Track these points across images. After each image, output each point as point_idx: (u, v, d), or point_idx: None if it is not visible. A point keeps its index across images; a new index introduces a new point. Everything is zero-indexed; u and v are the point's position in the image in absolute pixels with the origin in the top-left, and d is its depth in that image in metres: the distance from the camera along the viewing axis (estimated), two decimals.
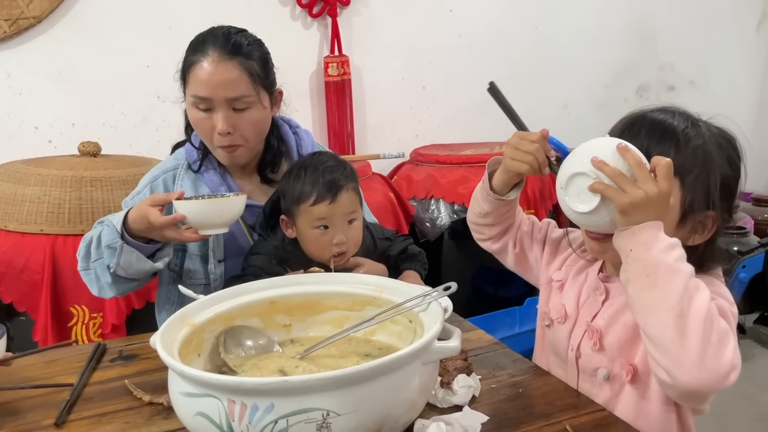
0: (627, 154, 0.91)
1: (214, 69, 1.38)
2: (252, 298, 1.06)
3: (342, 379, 0.75)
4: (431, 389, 0.90)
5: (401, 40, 3.08)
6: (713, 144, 0.99)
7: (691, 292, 0.86)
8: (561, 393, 1.01)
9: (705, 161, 0.98)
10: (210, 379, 0.76)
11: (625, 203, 0.89)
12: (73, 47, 2.52)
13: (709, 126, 1.03)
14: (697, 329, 0.84)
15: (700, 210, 0.99)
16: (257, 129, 1.46)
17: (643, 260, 0.88)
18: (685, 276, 0.87)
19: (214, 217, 1.32)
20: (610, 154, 0.92)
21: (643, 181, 0.89)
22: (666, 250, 0.88)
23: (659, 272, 0.87)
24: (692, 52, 3.78)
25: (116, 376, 1.11)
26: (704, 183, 0.98)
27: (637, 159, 0.90)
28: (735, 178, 1.01)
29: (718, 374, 0.85)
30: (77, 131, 2.54)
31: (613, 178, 0.90)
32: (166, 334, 0.89)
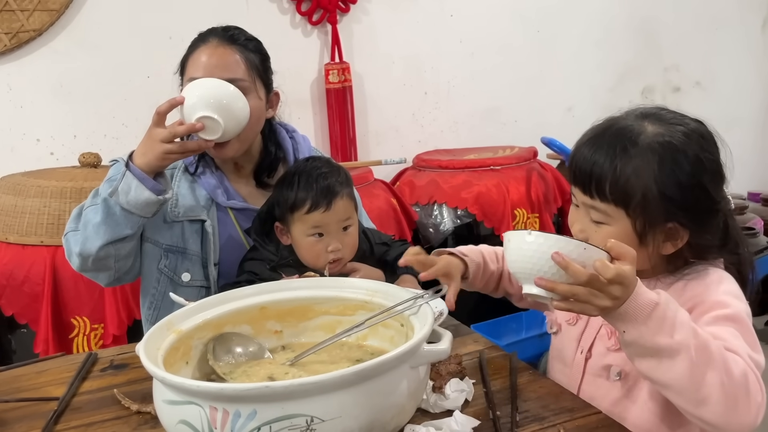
0: (569, 269, 0.84)
1: (213, 52, 1.41)
2: (242, 304, 1.05)
3: (325, 384, 0.74)
4: (421, 394, 0.88)
5: (402, 46, 3.07)
6: (648, 163, 0.95)
7: (699, 361, 0.85)
8: (557, 396, 0.98)
9: (641, 185, 0.95)
10: (191, 386, 0.74)
11: (596, 314, 0.87)
12: (74, 59, 2.52)
13: (662, 129, 0.98)
14: (716, 398, 0.85)
15: (658, 225, 0.97)
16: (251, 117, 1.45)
17: (638, 344, 0.87)
18: (686, 348, 0.85)
19: (218, 97, 1.29)
20: (554, 266, 0.84)
21: (601, 288, 0.84)
22: (657, 330, 0.85)
23: (660, 355, 0.86)
24: (697, 53, 3.74)
25: (106, 386, 1.10)
26: (649, 206, 0.95)
27: (580, 272, 0.83)
28: (699, 174, 0.96)
29: (749, 422, 0.87)
30: (79, 143, 2.53)
31: (573, 298, 0.86)
32: (150, 342, 0.87)
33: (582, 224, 1.03)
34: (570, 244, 0.84)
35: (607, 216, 0.99)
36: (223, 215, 1.52)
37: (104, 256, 1.38)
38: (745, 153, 3.96)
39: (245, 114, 1.34)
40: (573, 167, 1.03)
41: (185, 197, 1.49)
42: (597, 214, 1.00)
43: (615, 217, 0.98)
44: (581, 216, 1.03)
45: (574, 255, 0.83)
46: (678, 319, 0.86)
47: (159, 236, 1.49)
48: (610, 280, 0.83)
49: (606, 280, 0.83)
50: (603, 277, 0.83)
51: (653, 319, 0.85)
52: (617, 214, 0.98)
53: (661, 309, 0.85)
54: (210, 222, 1.48)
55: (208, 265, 1.48)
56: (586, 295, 0.84)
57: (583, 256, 0.84)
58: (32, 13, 2.42)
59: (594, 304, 0.85)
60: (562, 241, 0.84)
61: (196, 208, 1.48)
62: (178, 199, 1.49)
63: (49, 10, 2.44)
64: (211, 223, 1.48)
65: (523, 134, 3.14)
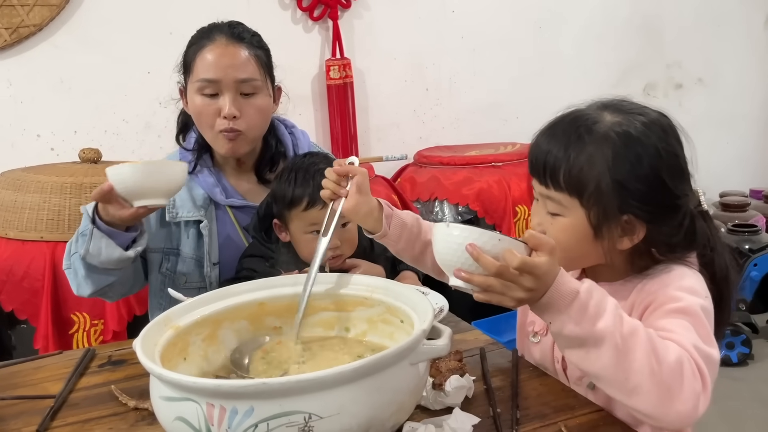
0: (480, 260, 0.83)
1: (224, 51, 1.39)
2: (240, 299, 1.04)
3: (323, 380, 0.73)
4: (421, 391, 0.87)
5: (403, 42, 3.06)
6: (602, 152, 0.93)
7: (626, 348, 0.83)
8: (557, 394, 0.97)
9: (595, 174, 0.93)
10: (187, 382, 0.74)
11: (513, 305, 0.86)
12: (74, 55, 2.52)
13: (620, 118, 0.96)
14: (647, 386, 0.82)
15: (613, 217, 0.94)
16: (262, 117, 1.45)
17: (563, 335, 0.85)
18: (611, 335, 0.83)
19: (143, 184, 1.19)
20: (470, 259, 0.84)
21: (513, 279, 0.83)
22: (579, 318, 0.83)
23: (586, 344, 0.84)
24: (700, 50, 3.73)
25: (103, 382, 1.09)
26: (603, 196, 0.93)
27: (489, 263, 0.83)
28: (657, 166, 0.93)
29: (686, 411, 0.84)
30: (79, 139, 2.53)
31: (488, 289, 0.85)
32: (147, 338, 0.86)
33: (539, 217, 1.01)
34: (484, 236, 0.84)
35: (562, 206, 0.97)
36: (221, 214, 1.51)
37: (102, 293, 1.41)
38: (747, 150, 3.96)
39: (183, 178, 1.26)
40: (530, 156, 1.01)
41: (182, 197, 1.48)
42: (552, 204, 0.98)
43: (569, 207, 0.96)
44: (539, 209, 1.02)
45: (488, 247, 0.83)
46: (602, 306, 0.84)
47: (158, 242, 1.49)
48: (518, 270, 0.82)
49: (515, 271, 0.82)
50: (511, 267, 0.82)
51: (574, 307, 0.83)
52: (572, 204, 0.96)
53: (582, 297, 0.83)
54: (206, 223, 1.46)
55: (203, 266, 1.47)
56: (500, 287, 0.84)
57: (497, 248, 0.83)
58: (32, 8, 2.42)
59: (508, 295, 0.84)
60: (477, 232, 0.84)
61: (193, 208, 1.47)
62: (175, 200, 1.48)
63: (50, 5, 2.44)
64: (207, 224, 1.46)
65: (524, 130, 3.09)
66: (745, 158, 3.95)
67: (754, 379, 2.64)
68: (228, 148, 1.43)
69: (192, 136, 1.53)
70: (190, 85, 1.42)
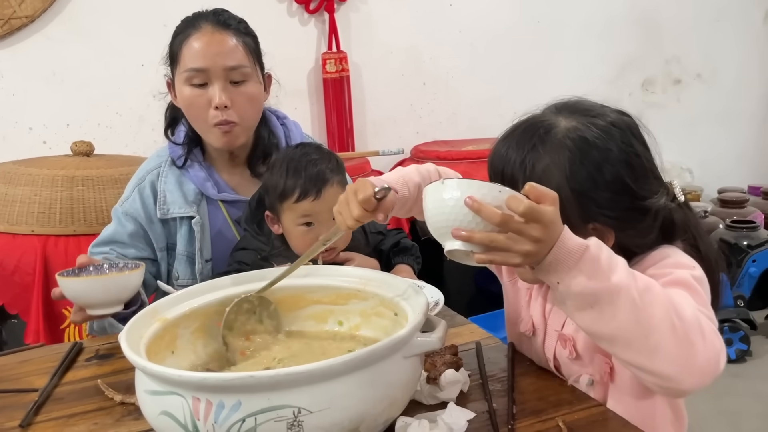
0: (482, 212, 0.76)
1: (211, 39, 1.36)
2: (230, 292, 1.01)
3: (313, 374, 0.70)
4: (415, 385, 0.84)
5: (400, 36, 3.03)
6: (559, 160, 0.89)
7: (643, 303, 0.77)
8: (555, 389, 0.95)
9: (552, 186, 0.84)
10: (172, 375, 0.71)
11: (517, 263, 0.79)
12: (67, 47, 2.50)
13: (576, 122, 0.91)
14: (669, 342, 0.77)
15: (578, 227, 0.87)
16: (254, 105, 1.42)
17: (575, 293, 0.78)
18: (627, 289, 0.77)
19: (95, 297, 1.15)
20: (469, 213, 0.77)
21: (519, 229, 0.76)
22: (592, 273, 0.77)
23: (599, 301, 0.78)
24: (698, 45, 3.71)
25: (90, 376, 1.06)
26: (564, 206, 0.84)
27: (493, 213, 0.76)
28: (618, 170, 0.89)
29: (710, 369, 0.79)
30: (72, 132, 2.51)
31: (489, 246, 0.78)
32: (133, 330, 0.84)
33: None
34: (484, 188, 0.77)
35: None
36: (214, 209, 1.48)
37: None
38: (745, 146, 3.94)
39: (139, 283, 1.20)
40: (489, 165, 0.97)
41: (173, 193, 1.45)
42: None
43: None
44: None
45: (488, 199, 0.77)
46: (613, 260, 0.79)
47: (161, 240, 1.47)
48: (524, 217, 0.75)
49: (521, 218, 0.76)
50: (516, 213, 0.75)
51: (585, 261, 0.77)
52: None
53: (592, 251, 0.78)
54: (198, 219, 1.44)
55: (195, 263, 1.44)
56: (505, 241, 0.77)
57: (498, 200, 0.77)
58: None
59: (515, 249, 0.77)
60: (475, 185, 0.78)
61: (185, 204, 1.44)
62: (166, 196, 1.45)
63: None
64: (199, 220, 1.44)
65: None
66: (744, 154, 3.93)
67: (752, 375, 2.62)
68: (223, 142, 1.40)
69: (181, 129, 1.50)
70: (178, 76, 1.39)
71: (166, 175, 1.46)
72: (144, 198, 1.46)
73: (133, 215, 1.45)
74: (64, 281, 1.15)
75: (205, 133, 1.42)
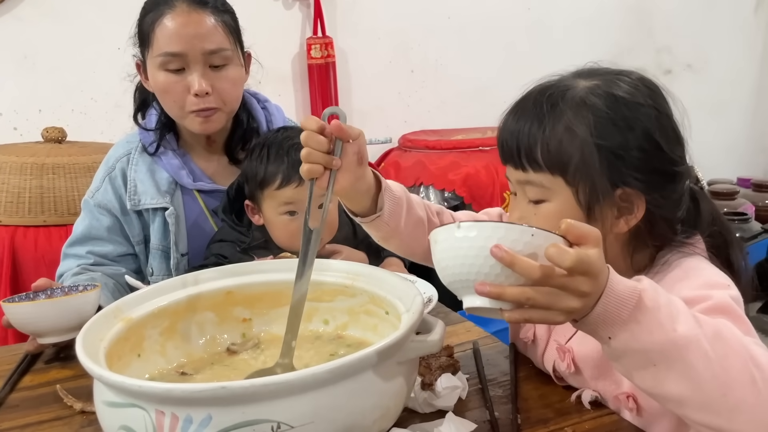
0: (516, 266, 0.63)
1: (187, 19, 1.24)
2: (205, 288, 0.92)
3: (294, 384, 0.61)
4: (409, 392, 0.76)
5: (388, 22, 2.95)
6: (582, 117, 0.81)
7: (717, 356, 0.64)
8: (561, 394, 0.87)
9: (576, 144, 0.80)
10: (132, 385, 0.62)
11: (561, 320, 0.66)
12: (39, 29, 2.38)
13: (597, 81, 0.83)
14: (750, 399, 0.65)
15: (606, 192, 0.80)
16: (236, 89, 1.32)
17: (633, 351, 0.65)
18: (696, 341, 0.64)
19: (44, 323, 1.02)
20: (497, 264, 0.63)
21: (564, 284, 0.63)
22: (653, 325, 0.64)
23: (666, 359, 0.64)
24: (689, 35, 3.67)
25: (49, 381, 0.97)
26: (590, 167, 0.80)
27: (530, 267, 0.62)
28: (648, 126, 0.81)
29: None
30: (44, 118, 2.40)
31: (527, 303, 0.64)
32: (91, 331, 0.75)
33: (520, 210, 0.86)
34: (513, 232, 0.63)
35: (545, 189, 0.83)
36: (189, 199, 1.38)
37: None
38: (735, 138, 3.90)
39: (95, 307, 1.07)
40: (499, 141, 0.87)
41: (144, 182, 1.35)
42: (533, 189, 0.84)
43: (554, 189, 0.82)
44: (518, 202, 0.87)
45: (519, 246, 0.63)
46: (674, 306, 0.66)
47: (136, 232, 1.37)
48: (571, 271, 0.62)
49: (566, 272, 0.63)
50: (561, 267, 0.62)
51: (643, 311, 0.64)
52: (555, 184, 0.82)
53: (649, 296, 0.65)
54: (172, 210, 1.34)
55: (170, 258, 1.35)
56: (546, 297, 0.63)
57: (531, 246, 0.63)
58: None
59: (558, 307, 0.64)
60: (502, 228, 0.64)
61: (157, 194, 1.34)
62: (137, 185, 1.35)
63: None
64: (173, 211, 1.34)
65: None
66: (734, 146, 3.89)
67: None
68: (203, 127, 1.31)
69: (152, 113, 1.40)
70: (151, 60, 1.28)
71: (137, 163, 1.36)
72: (116, 187, 1.36)
73: (106, 207, 1.35)
74: (7, 307, 1.03)
75: (182, 119, 1.32)
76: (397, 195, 0.93)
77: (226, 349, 0.93)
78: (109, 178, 1.37)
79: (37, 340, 1.04)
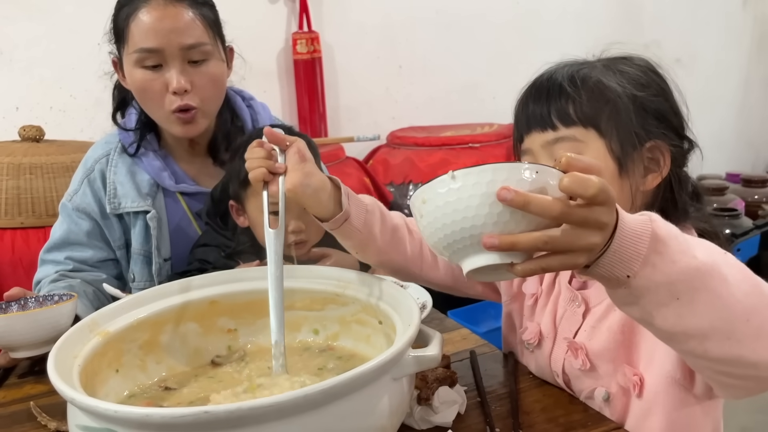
0: (532, 206, 0.56)
1: (163, 13, 1.18)
2: (187, 297, 0.87)
3: (284, 407, 0.57)
4: (405, 409, 0.71)
5: (375, 16, 2.90)
6: (609, 73, 0.85)
7: (735, 280, 0.61)
8: (565, 407, 0.82)
9: (608, 95, 0.83)
10: (106, 410, 0.57)
11: (583, 262, 0.59)
12: (15, 24, 2.32)
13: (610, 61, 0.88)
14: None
15: (636, 147, 0.83)
16: (217, 86, 1.26)
17: (657, 284, 0.60)
18: (717, 265, 0.60)
19: (15, 337, 0.96)
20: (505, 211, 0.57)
21: (585, 217, 0.57)
22: (675, 253, 0.59)
23: (691, 288, 0.60)
24: (678, 29, 3.65)
25: (22, 397, 0.91)
26: (622, 117, 0.82)
27: (549, 205, 0.56)
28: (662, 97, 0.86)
29: None
30: (21, 116, 2.33)
31: (543, 248, 0.58)
32: (65, 348, 0.70)
33: None
34: (516, 170, 0.56)
35: (577, 143, 0.83)
36: (171, 202, 1.32)
37: None
38: (723, 133, 3.89)
39: (71, 320, 1.01)
40: (523, 117, 0.88)
41: (124, 185, 1.29)
42: (564, 146, 0.83)
43: (586, 141, 0.83)
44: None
45: (525, 186, 0.56)
46: (684, 235, 0.62)
47: (117, 237, 1.31)
48: (592, 200, 0.56)
49: (587, 202, 0.56)
50: (584, 197, 0.56)
51: (661, 241, 0.59)
52: (588, 137, 0.83)
53: (661, 226, 0.60)
54: (153, 213, 1.28)
55: (152, 263, 1.29)
56: (566, 236, 0.57)
57: (538, 183, 0.57)
58: None
59: (579, 245, 0.57)
60: (504, 169, 0.56)
61: (138, 197, 1.29)
62: (116, 188, 1.29)
63: None
64: (155, 215, 1.28)
65: (502, 111, 2.97)
66: (722, 141, 3.88)
67: None
68: (184, 130, 1.24)
69: (132, 113, 1.34)
70: (127, 57, 1.22)
71: (116, 165, 1.30)
72: (95, 190, 1.30)
73: (85, 210, 1.29)
74: None
75: (162, 120, 1.26)
76: (366, 202, 0.89)
77: (210, 362, 0.88)
78: (88, 180, 1.31)
79: (10, 354, 0.99)
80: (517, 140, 0.90)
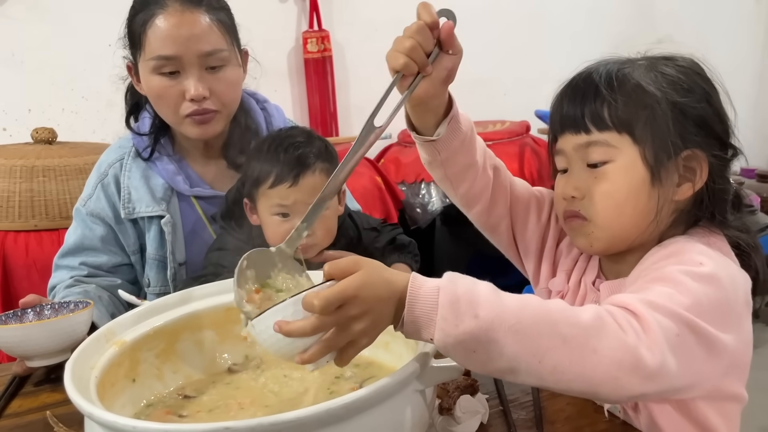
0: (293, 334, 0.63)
1: (180, 20, 1.16)
2: (203, 305, 0.86)
3: (306, 422, 0.55)
4: (427, 421, 0.70)
5: (385, 14, 2.87)
6: (650, 77, 0.82)
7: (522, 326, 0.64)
8: (590, 416, 0.81)
9: (646, 100, 0.80)
10: (125, 426, 0.56)
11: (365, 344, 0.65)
12: (27, 26, 2.32)
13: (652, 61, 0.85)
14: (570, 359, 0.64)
15: (671, 156, 0.80)
16: (235, 91, 1.26)
17: (452, 345, 0.64)
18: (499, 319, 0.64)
19: (31, 346, 0.96)
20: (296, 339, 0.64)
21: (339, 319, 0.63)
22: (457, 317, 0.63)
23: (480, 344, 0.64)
24: (691, 24, 3.61)
25: (39, 406, 0.90)
26: (659, 124, 0.80)
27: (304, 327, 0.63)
28: (705, 102, 0.83)
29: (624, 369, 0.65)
30: (34, 118, 2.35)
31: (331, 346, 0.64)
32: (81, 359, 0.69)
33: (576, 180, 0.85)
34: (284, 309, 0.64)
35: (610, 148, 0.82)
36: (186, 206, 1.32)
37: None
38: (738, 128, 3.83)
39: (87, 328, 1.02)
40: (557, 117, 0.87)
41: (138, 189, 1.28)
42: (597, 150, 0.82)
43: (620, 147, 0.81)
44: (574, 173, 0.86)
45: (299, 315, 0.63)
46: (474, 293, 0.65)
47: (131, 242, 1.30)
48: (327, 308, 0.62)
49: (327, 312, 0.62)
50: (326, 310, 0.61)
51: (444, 307, 0.64)
52: (622, 143, 0.81)
53: (447, 291, 0.64)
54: (168, 218, 1.27)
55: (167, 268, 1.28)
56: (337, 338, 0.63)
57: (301, 312, 0.64)
58: None
59: (347, 338, 0.63)
60: (278, 310, 0.65)
61: (152, 201, 1.28)
62: (130, 192, 1.28)
63: None
64: (170, 219, 1.27)
65: (513, 108, 2.98)
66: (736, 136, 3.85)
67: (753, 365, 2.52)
68: (199, 132, 1.24)
69: (146, 116, 1.33)
70: (143, 64, 1.21)
71: (130, 169, 1.29)
72: (109, 195, 1.30)
73: (99, 215, 1.29)
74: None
75: (177, 124, 1.25)
76: (463, 129, 0.90)
77: (227, 369, 0.87)
78: (102, 185, 1.30)
79: (26, 363, 0.98)
80: (551, 140, 0.89)
